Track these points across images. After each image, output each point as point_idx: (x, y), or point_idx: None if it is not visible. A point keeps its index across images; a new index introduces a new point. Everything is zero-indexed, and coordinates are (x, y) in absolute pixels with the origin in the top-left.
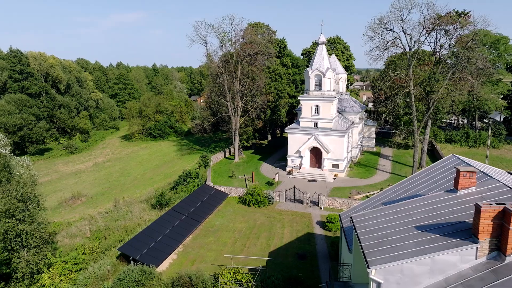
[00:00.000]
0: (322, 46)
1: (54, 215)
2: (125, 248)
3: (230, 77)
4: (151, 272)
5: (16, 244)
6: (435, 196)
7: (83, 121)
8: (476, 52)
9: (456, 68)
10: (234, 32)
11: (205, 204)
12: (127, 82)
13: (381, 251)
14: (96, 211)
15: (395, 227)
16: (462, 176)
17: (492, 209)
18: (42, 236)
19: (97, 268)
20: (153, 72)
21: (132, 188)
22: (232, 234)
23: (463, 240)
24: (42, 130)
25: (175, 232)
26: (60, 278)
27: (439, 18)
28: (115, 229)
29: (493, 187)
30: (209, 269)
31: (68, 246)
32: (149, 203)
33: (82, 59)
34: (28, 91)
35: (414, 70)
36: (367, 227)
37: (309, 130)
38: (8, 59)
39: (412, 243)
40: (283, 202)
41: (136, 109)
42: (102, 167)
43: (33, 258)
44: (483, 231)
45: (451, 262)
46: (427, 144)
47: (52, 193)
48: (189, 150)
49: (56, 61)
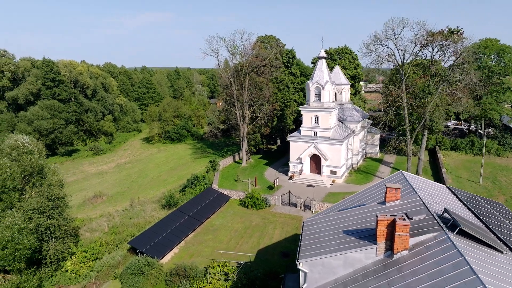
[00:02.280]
0: (322, 60)
1: (79, 212)
2: (134, 242)
3: (239, 87)
4: (154, 263)
5: (46, 235)
6: (368, 207)
7: (108, 124)
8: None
9: (446, 82)
10: (244, 45)
11: (208, 205)
12: (150, 86)
13: (311, 249)
14: (114, 209)
15: (329, 231)
16: (389, 192)
17: (386, 219)
18: (67, 229)
19: (110, 258)
20: (175, 75)
21: (147, 188)
22: (228, 233)
23: (368, 242)
24: (71, 133)
25: (178, 229)
26: (80, 265)
27: (431, 35)
28: (129, 226)
29: (411, 201)
30: (204, 262)
31: (88, 239)
32: (160, 203)
33: (109, 64)
34: (59, 97)
35: (411, 82)
36: (310, 230)
37: (309, 138)
38: (42, 68)
39: (335, 243)
40: (279, 206)
41: (156, 113)
42: (123, 168)
43: (59, 247)
44: (380, 236)
45: (358, 258)
46: (423, 152)
47: (78, 192)
48: (203, 154)
49: (84, 68)
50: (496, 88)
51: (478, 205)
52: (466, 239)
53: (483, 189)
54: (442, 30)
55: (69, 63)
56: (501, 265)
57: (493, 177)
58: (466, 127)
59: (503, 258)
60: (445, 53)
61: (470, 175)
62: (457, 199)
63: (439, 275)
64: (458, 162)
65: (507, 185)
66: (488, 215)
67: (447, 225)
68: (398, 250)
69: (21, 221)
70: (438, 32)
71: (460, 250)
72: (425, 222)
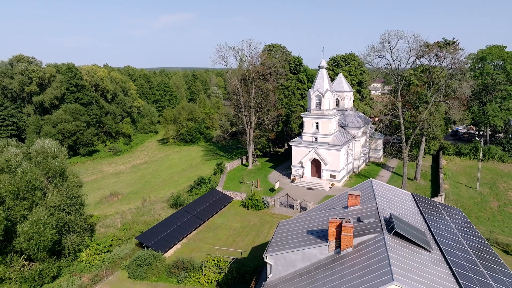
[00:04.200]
0: (323, 70)
1: (96, 209)
2: (141, 237)
3: (245, 94)
4: (158, 256)
5: (65, 229)
6: (333, 211)
7: (126, 126)
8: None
9: (440, 92)
10: (251, 54)
11: (211, 206)
12: (167, 89)
13: (278, 245)
14: (127, 207)
15: (296, 231)
16: (350, 198)
17: (335, 221)
18: (83, 225)
19: (120, 251)
20: (192, 78)
21: (159, 188)
22: (227, 231)
23: (323, 241)
24: (91, 135)
25: (181, 227)
26: (94, 256)
27: (427, 47)
28: (139, 223)
29: (369, 206)
30: (203, 257)
31: (102, 234)
32: (168, 203)
33: (129, 67)
34: (81, 101)
35: (408, 91)
36: (281, 230)
37: (310, 144)
38: (66, 74)
39: (297, 241)
40: (277, 207)
41: (171, 116)
42: (139, 168)
43: (76, 240)
44: (331, 235)
45: (314, 254)
46: (421, 158)
47: (96, 191)
48: (213, 156)
49: (104, 73)
50: (501, 94)
51: (432, 211)
52: (400, 240)
53: (478, 195)
54: (438, 41)
55: (90, 68)
56: (421, 261)
57: (492, 183)
58: (476, 132)
59: (427, 256)
60: (441, 64)
61: (469, 180)
62: (415, 205)
63: (367, 267)
64: (460, 167)
65: (504, 192)
66: (438, 220)
67: (388, 228)
68: (344, 247)
69: (45, 217)
70: (434, 43)
71: (387, 248)
72: (372, 225)
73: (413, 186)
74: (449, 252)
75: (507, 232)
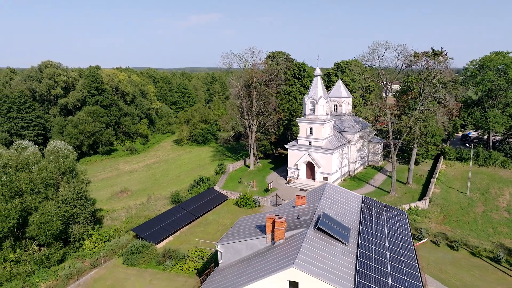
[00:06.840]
0: (317, 77)
1: (106, 204)
2: (137, 229)
3: (247, 99)
4: (149, 246)
5: (71, 220)
6: (283, 209)
7: (143, 127)
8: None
9: (426, 100)
10: (254, 61)
11: (206, 203)
12: (185, 91)
13: (230, 237)
14: (134, 203)
15: (248, 225)
16: (297, 198)
17: (271, 217)
18: (87, 217)
19: (118, 241)
20: (212, 79)
21: (166, 187)
22: (217, 227)
23: (263, 233)
24: (110, 135)
25: (175, 222)
26: (95, 245)
27: (415, 56)
28: (141, 217)
29: (312, 206)
30: (190, 249)
31: (108, 226)
32: (169, 200)
33: (152, 69)
34: (101, 103)
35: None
36: (238, 224)
37: (304, 147)
38: (88, 78)
39: (245, 233)
40: (267, 206)
41: (185, 118)
42: (151, 167)
43: (80, 230)
44: (268, 229)
45: (255, 244)
46: (413, 163)
47: (109, 187)
48: (221, 157)
49: (124, 77)
50: (504, 100)
51: (372, 212)
52: (322, 234)
53: (467, 200)
54: (425, 51)
55: (111, 72)
56: (331, 251)
57: (485, 189)
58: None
59: (341, 248)
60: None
61: (462, 185)
62: (359, 206)
63: (285, 255)
64: (458, 172)
65: (495, 197)
66: (373, 219)
67: (315, 224)
68: (277, 239)
69: (53, 210)
70: (422, 53)
71: (304, 240)
72: (305, 221)
73: (403, 190)
74: (364, 246)
75: (482, 235)
